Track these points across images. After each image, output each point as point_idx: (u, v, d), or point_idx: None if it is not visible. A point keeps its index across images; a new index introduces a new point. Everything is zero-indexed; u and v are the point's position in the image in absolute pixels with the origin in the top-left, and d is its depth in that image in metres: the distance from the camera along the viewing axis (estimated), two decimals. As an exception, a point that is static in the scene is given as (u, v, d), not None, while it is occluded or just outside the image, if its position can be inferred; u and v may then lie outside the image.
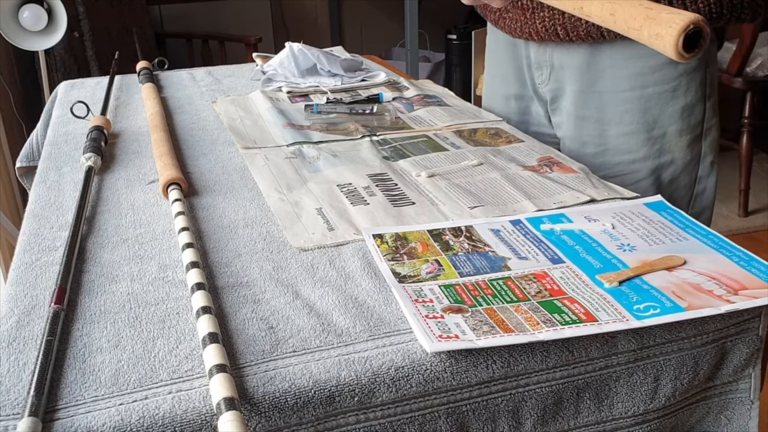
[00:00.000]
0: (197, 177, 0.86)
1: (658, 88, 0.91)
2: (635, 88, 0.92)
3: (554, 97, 1.01)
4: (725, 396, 0.63)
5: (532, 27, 0.94)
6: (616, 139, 0.95)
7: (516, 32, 0.98)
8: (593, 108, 0.96)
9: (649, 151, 0.94)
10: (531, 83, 1.05)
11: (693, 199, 0.98)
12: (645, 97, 0.92)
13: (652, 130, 0.93)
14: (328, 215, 0.74)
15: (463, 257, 0.65)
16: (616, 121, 0.94)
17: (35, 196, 0.81)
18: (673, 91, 0.91)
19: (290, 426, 0.49)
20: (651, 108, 0.92)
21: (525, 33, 0.96)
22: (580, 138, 0.99)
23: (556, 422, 0.56)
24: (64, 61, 2.67)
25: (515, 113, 1.09)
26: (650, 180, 0.95)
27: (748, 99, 2.50)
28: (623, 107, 0.93)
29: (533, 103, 1.07)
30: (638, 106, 0.93)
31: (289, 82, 1.25)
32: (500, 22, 1.02)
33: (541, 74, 1.01)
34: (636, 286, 0.59)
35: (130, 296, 0.60)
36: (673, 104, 0.92)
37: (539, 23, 0.93)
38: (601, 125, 0.96)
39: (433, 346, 0.52)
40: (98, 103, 1.14)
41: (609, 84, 0.94)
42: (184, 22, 3.34)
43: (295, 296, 0.60)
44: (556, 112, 1.03)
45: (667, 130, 0.93)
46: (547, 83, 1.01)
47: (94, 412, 0.46)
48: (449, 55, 3.52)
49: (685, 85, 0.91)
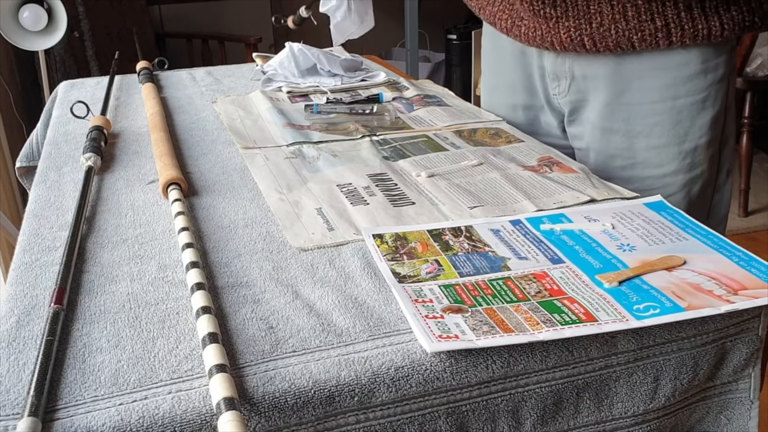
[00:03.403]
0: (197, 177, 0.86)
1: (689, 99, 0.88)
2: (665, 99, 0.89)
3: (575, 108, 0.98)
4: (725, 396, 0.63)
5: (555, 37, 0.90)
6: (646, 152, 0.92)
7: (534, 42, 0.94)
8: (621, 120, 0.93)
9: (681, 165, 0.91)
10: (544, 93, 1.01)
11: (710, 209, 0.95)
12: (676, 109, 0.89)
13: (684, 143, 0.90)
14: (328, 215, 0.74)
15: (463, 257, 0.65)
16: (646, 134, 0.91)
17: (35, 196, 0.81)
18: (703, 102, 0.88)
19: (290, 426, 0.49)
20: (682, 120, 0.89)
21: (546, 42, 0.92)
22: (606, 151, 0.95)
23: (556, 422, 0.56)
24: (64, 61, 2.67)
25: (523, 124, 1.06)
26: (681, 194, 0.92)
27: (748, 99, 2.50)
28: (653, 119, 0.90)
29: (544, 114, 1.04)
30: (669, 118, 0.89)
31: (289, 82, 1.25)
32: (513, 30, 0.97)
33: (559, 85, 0.97)
34: (636, 286, 0.59)
35: (130, 296, 0.60)
36: (704, 116, 0.89)
37: (563, 33, 0.89)
38: (629, 138, 0.93)
39: (432, 346, 0.52)
40: (98, 103, 1.14)
41: (637, 96, 0.90)
42: (184, 22, 3.34)
43: (295, 296, 0.60)
44: (575, 123, 0.99)
45: (698, 143, 0.90)
46: (566, 94, 0.97)
47: (94, 412, 0.46)
48: (449, 55, 3.52)
49: (714, 96, 0.88)
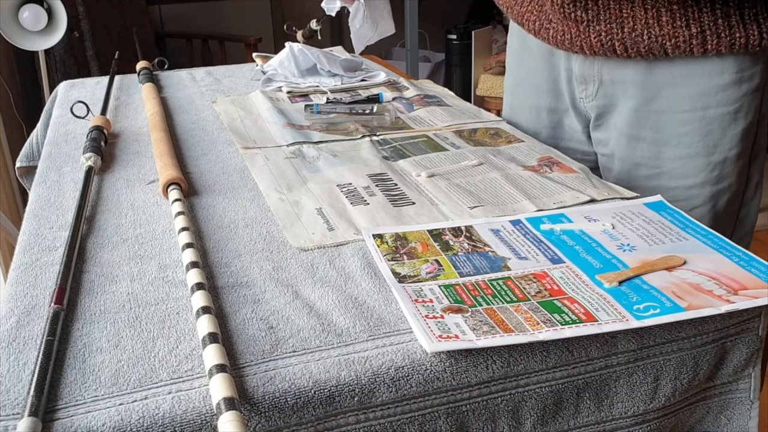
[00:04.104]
0: (197, 177, 0.86)
1: (720, 109, 0.85)
2: (696, 109, 0.86)
3: (601, 113, 0.96)
4: (725, 396, 0.63)
5: (585, 41, 0.88)
6: (673, 162, 0.89)
7: (563, 45, 0.91)
8: (648, 128, 0.90)
9: (708, 177, 0.88)
10: (570, 97, 0.99)
11: (736, 223, 0.93)
12: (707, 119, 0.86)
13: (713, 154, 0.87)
14: (328, 215, 0.74)
15: (463, 257, 0.65)
16: (674, 144, 0.89)
17: (35, 196, 0.81)
18: (735, 113, 0.86)
19: (290, 426, 0.49)
20: (713, 131, 0.86)
21: (575, 46, 0.90)
22: (632, 159, 0.93)
23: (556, 422, 0.56)
24: (64, 61, 2.67)
25: (546, 127, 1.04)
26: (707, 207, 0.89)
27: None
28: (682, 129, 0.88)
29: (568, 117, 1.01)
30: (699, 128, 0.87)
31: (289, 82, 1.25)
32: (542, 32, 0.95)
33: (586, 88, 0.95)
34: (636, 286, 0.59)
35: (130, 296, 0.60)
36: (735, 127, 0.86)
37: (594, 37, 0.86)
38: (656, 147, 0.90)
39: (433, 346, 0.52)
40: (98, 103, 1.14)
41: (667, 103, 0.88)
42: (184, 22, 3.34)
43: (295, 296, 0.60)
44: (601, 128, 0.97)
45: (728, 155, 0.87)
46: (594, 98, 0.95)
47: (94, 412, 0.46)
48: (449, 55, 3.52)
49: (747, 107, 0.86)
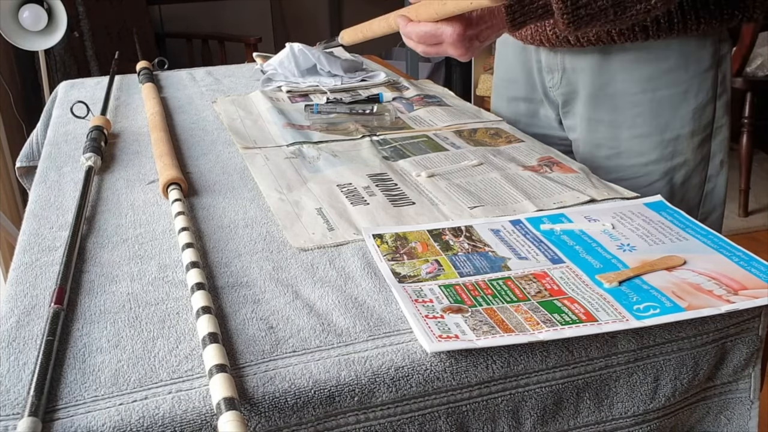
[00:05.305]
0: (197, 177, 0.86)
1: (669, 90, 0.91)
2: (647, 91, 0.91)
3: (566, 100, 1.01)
4: (725, 396, 0.63)
5: (543, 35, 0.94)
6: (629, 141, 0.95)
7: (527, 39, 0.98)
8: (605, 111, 0.95)
9: (662, 154, 0.93)
10: (541, 87, 1.04)
11: (703, 198, 0.98)
12: (656, 100, 0.91)
13: (665, 132, 0.93)
14: (328, 215, 0.74)
15: (463, 257, 0.65)
16: (629, 124, 0.94)
17: (35, 196, 0.81)
18: (684, 93, 0.91)
19: (290, 426, 0.49)
20: (663, 111, 0.92)
21: (536, 40, 0.96)
22: (593, 141, 0.98)
23: (556, 422, 0.56)
24: (64, 61, 2.67)
25: (523, 116, 1.09)
26: (663, 182, 0.95)
27: (748, 99, 2.50)
28: (635, 110, 0.93)
29: (542, 107, 1.07)
30: (650, 109, 0.92)
31: (289, 82, 1.25)
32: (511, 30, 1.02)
33: (553, 78, 1.01)
34: (636, 286, 0.59)
35: (130, 296, 0.60)
36: (685, 107, 0.91)
37: (550, 31, 0.92)
38: (613, 128, 0.96)
39: (433, 346, 0.52)
40: (98, 103, 1.14)
41: (620, 87, 0.93)
42: (184, 22, 3.34)
43: (295, 296, 0.60)
44: (568, 115, 1.02)
45: (680, 133, 0.92)
46: (559, 86, 1.01)
47: (94, 412, 0.47)
48: (449, 55, 3.51)
49: (696, 87, 0.91)
